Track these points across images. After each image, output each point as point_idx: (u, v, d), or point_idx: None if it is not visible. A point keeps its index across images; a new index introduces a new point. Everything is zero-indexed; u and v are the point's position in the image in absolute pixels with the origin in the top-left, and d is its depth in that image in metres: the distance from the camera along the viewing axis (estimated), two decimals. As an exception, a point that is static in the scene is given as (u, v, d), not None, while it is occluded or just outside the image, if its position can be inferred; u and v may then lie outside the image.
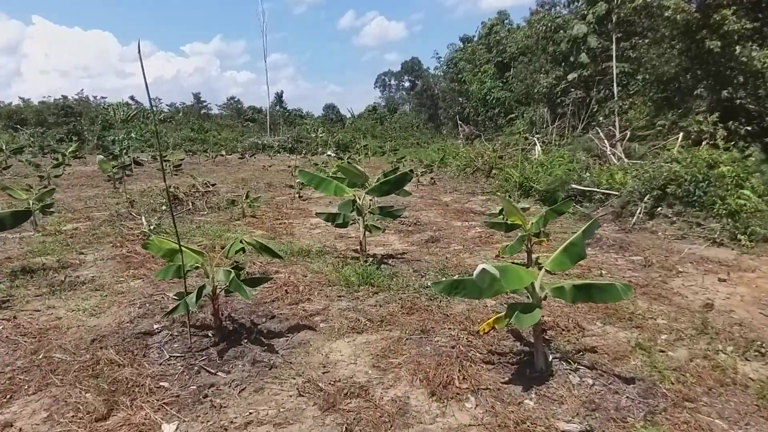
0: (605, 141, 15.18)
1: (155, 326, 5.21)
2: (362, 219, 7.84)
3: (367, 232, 8.01)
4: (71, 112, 47.39)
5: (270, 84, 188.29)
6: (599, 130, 15.93)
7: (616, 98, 19.74)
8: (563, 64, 26.12)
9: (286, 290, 6.32)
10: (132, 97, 60.32)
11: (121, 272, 7.46)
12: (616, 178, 13.11)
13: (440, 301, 6.06)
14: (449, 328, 5.22)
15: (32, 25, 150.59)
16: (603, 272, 7.62)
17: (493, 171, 19.99)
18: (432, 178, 20.20)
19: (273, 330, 5.21)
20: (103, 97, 56.00)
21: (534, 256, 7.37)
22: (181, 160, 27.63)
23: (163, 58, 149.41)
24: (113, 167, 18.39)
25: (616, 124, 17.94)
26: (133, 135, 44.29)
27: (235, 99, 75.29)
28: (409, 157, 30.45)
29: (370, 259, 7.94)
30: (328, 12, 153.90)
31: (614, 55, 19.94)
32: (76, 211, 13.19)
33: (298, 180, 14.79)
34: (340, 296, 6.32)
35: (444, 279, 4.89)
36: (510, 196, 14.95)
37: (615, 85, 19.79)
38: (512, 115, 29.38)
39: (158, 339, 4.99)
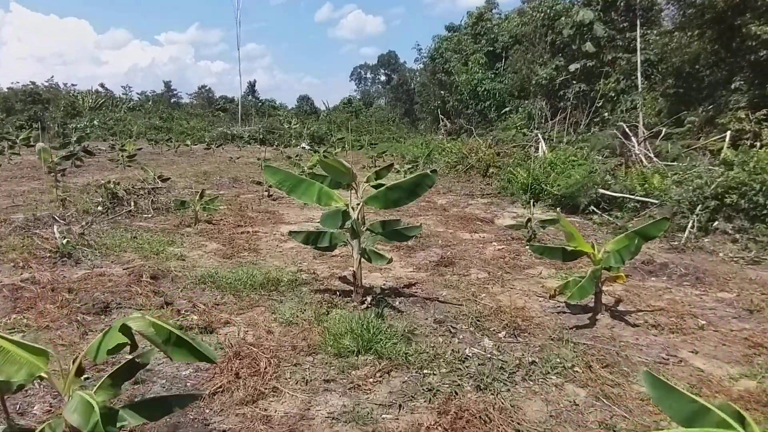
0: (633, 139, 12.94)
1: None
2: (358, 242, 5.32)
3: (363, 259, 5.48)
4: (39, 99, 44.58)
5: (245, 74, 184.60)
6: (624, 126, 13.69)
7: (639, 90, 17.55)
8: (562, 54, 23.84)
9: (236, 371, 3.73)
10: (102, 85, 56.87)
11: (1, 316, 4.86)
12: (653, 183, 10.91)
13: (497, 394, 3.63)
14: (537, 473, 2.79)
15: (10, 12, 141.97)
16: (702, 323, 5.30)
17: (491, 169, 17.66)
18: (421, 177, 17.72)
19: (201, 486, 2.68)
20: (73, 85, 53.30)
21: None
22: (138, 149, 24.62)
23: (139, 46, 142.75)
24: (58, 157, 15.46)
25: (640, 119, 15.74)
26: (96, 123, 41.28)
27: (207, 88, 70.81)
28: (390, 152, 27.94)
29: (368, 298, 5.41)
30: (307, 2, 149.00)
31: (638, 43, 17.76)
32: (-4, 210, 10.32)
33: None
34: (327, 380, 3.78)
35: None
36: (524, 201, 12.67)
37: (639, 75, 17.61)
38: (506, 109, 26.94)
39: None
